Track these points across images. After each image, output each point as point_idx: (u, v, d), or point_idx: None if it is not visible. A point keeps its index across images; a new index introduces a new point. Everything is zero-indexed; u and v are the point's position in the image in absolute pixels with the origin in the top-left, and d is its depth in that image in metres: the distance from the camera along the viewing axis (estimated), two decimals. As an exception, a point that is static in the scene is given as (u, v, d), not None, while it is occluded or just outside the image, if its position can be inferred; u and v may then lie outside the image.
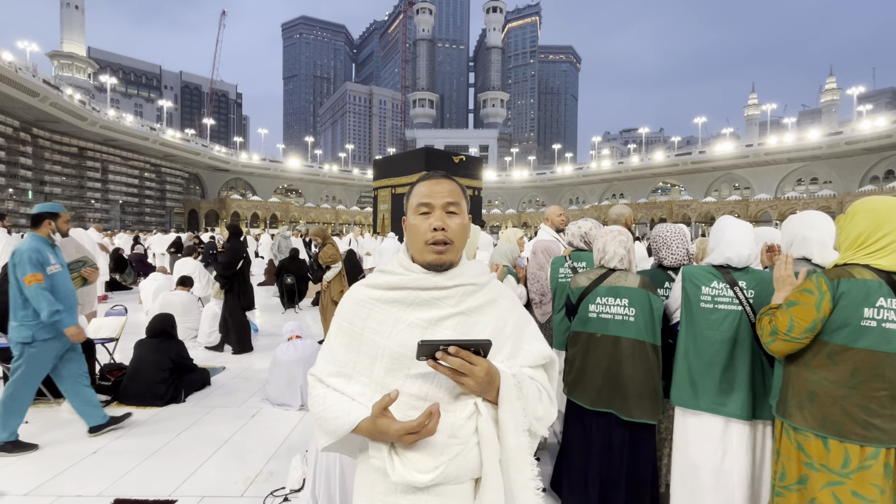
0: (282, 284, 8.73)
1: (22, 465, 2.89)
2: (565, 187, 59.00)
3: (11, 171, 32.93)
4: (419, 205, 1.02)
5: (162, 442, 3.23)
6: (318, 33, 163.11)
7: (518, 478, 0.92)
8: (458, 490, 0.94)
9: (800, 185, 43.00)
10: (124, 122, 39.08)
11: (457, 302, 0.99)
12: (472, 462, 0.93)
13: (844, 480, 1.44)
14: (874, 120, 34.99)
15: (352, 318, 1.02)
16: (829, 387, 1.49)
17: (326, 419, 0.96)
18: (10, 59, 27.10)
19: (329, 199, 60.15)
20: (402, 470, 0.90)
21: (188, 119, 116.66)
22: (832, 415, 1.47)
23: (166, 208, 48.19)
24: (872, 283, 1.44)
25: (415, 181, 1.09)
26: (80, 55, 63.41)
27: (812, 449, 1.51)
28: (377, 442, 0.93)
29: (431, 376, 0.94)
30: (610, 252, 2.28)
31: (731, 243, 1.99)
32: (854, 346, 1.45)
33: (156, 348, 4.07)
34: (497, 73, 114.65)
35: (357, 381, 1.00)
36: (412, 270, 1.01)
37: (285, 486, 2.62)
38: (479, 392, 0.91)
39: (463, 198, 1.05)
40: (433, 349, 0.86)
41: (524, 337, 1.05)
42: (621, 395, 2.11)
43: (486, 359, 0.90)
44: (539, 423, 0.99)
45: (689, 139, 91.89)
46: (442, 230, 0.98)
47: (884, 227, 1.47)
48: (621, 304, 2.15)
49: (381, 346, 0.97)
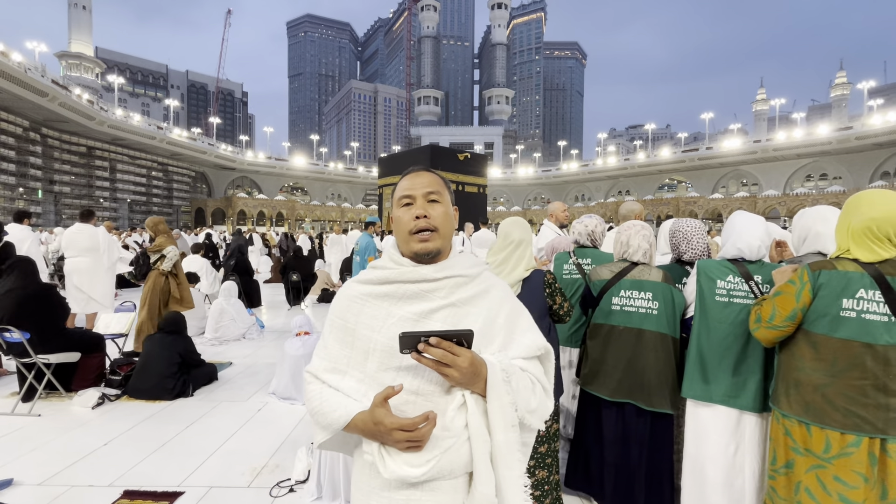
0: (287, 281, 8.83)
1: (35, 455, 2.96)
2: (571, 184, 58.73)
3: (21, 171, 33.35)
4: (401, 197, 1.04)
5: (170, 434, 3.29)
6: (323, 31, 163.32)
7: (506, 474, 0.91)
8: (452, 485, 0.93)
9: (809, 181, 42.48)
10: (132, 122, 39.43)
11: (447, 294, 1.00)
12: (465, 456, 0.92)
13: (826, 465, 1.48)
14: (885, 114, 34.49)
15: (345, 314, 1.03)
16: (811, 375, 1.53)
17: (322, 413, 0.97)
18: (20, 60, 27.40)
19: (334, 196, 60.36)
20: (393, 465, 0.89)
21: (194, 118, 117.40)
22: (814, 402, 1.51)
23: (173, 207, 48.61)
24: (853, 275, 1.47)
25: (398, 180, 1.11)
26: (88, 55, 63.93)
27: (797, 434, 1.55)
28: (370, 437, 0.92)
29: (421, 370, 0.93)
30: (634, 246, 2.30)
31: (742, 234, 2.01)
32: (833, 336, 1.48)
33: (164, 344, 4.14)
34: (502, 69, 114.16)
35: (351, 376, 1.00)
36: (401, 264, 1.02)
37: (291, 477, 2.67)
38: (465, 383, 0.90)
39: (445, 188, 1.06)
40: (415, 341, 0.86)
41: (517, 328, 1.05)
42: (642, 385, 2.13)
43: (469, 349, 0.89)
44: (532, 416, 0.97)
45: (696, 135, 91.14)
46: (424, 217, 1.00)
47: (843, 221, 1.54)
48: (645, 298, 2.18)
49: (374, 340, 0.97)
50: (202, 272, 7.44)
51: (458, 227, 3.87)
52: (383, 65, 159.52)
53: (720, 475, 1.93)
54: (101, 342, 4.28)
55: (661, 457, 2.15)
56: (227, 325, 6.00)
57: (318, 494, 2.46)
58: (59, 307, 3.96)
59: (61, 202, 37.44)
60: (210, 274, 7.92)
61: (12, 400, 3.80)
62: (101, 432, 3.30)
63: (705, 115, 49.32)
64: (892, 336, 1.42)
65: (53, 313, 3.88)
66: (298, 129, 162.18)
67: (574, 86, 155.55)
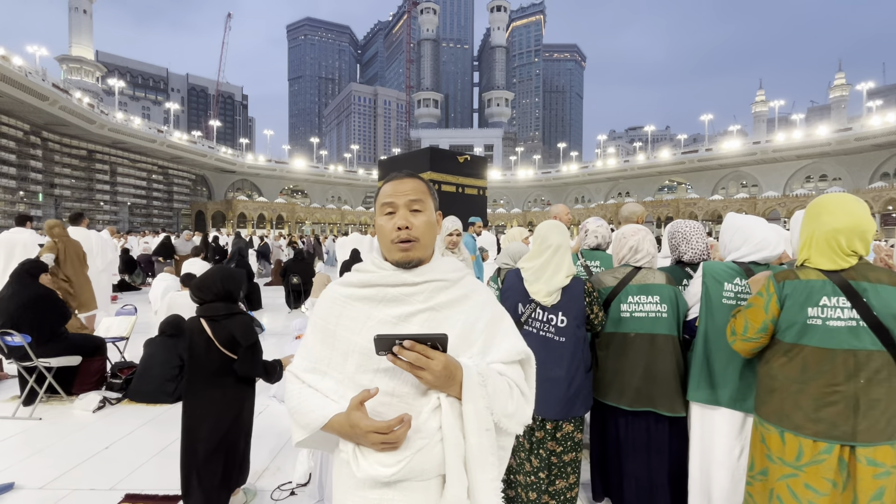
0: (287, 284, 8.83)
1: (36, 459, 2.96)
2: (571, 186, 58.77)
3: (22, 174, 33.41)
4: (383, 205, 1.05)
5: (172, 438, 3.28)
6: (323, 34, 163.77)
7: (480, 477, 0.92)
8: (424, 486, 0.94)
9: (808, 182, 42.51)
10: (132, 125, 39.50)
11: (426, 298, 1.01)
12: (437, 457, 0.92)
13: (798, 473, 1.48)
14: (884, 115, 34.54)
15: (326, 316, 1.04)
16: (784, 382, 1.54)
17: (301, 413, 0.98)
18: (20, 64, 27.47)
19: (334, 199, 60.37)
20: (366, 464, 0.91)
21: (195, 121, 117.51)
22: (786, 408, 1.52)
23: (174, 210, 48.67)
24: (815, 283, 1.48)
25: (380, 184, 1.11)
26: (89, 59, 64.04)
27: (771, 442, 1.56)
28: (346, 438, 0.94)
29: (398, 372, 0.95)
30: (643, 251, 2.27)
31: (768, 238, 1.99)
32: (801, 343, 1.50)
33: (165, 346, 4.14)
34: (502, 72, 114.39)
35: (330, 377, 1.01)
36: (382, 268, 1.03)
37: (292, 480, 2.67)
38: (439, 386, 0.91)
39: (428, 195, 1.07)
40: (390, 343, 0.88)
41: (498, 333, 1.05)
42: (662, 391, 2.09)
43: (443, 353, 0.90)
44: (510, 420, 0.98)
45: (695, 137, 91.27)
46: (406, 229, 1.01)
47: (805, 229, 1.56)
48: (653, 301, 2.16)
49: (353, 342, 0.99)
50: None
51: (464, 227, 3.87)
52: (383, 68, 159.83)
53: (726, 478, 1.92)
54: (101, 346, 4.29)
55: (679, 462, 2.13)
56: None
57: (320, 497, 2.46)
58: (60, 311, 3.97)
59: (62, 206, 37.47)
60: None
61: (13, 404, 3.80)
62: (102, 436, 3.30)
63: (705, 117, 49.37)
64: (859, 340, 1.42)
65: (54, 317, 3.88)
66: (298, 132, 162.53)
67: (573, 88, 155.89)
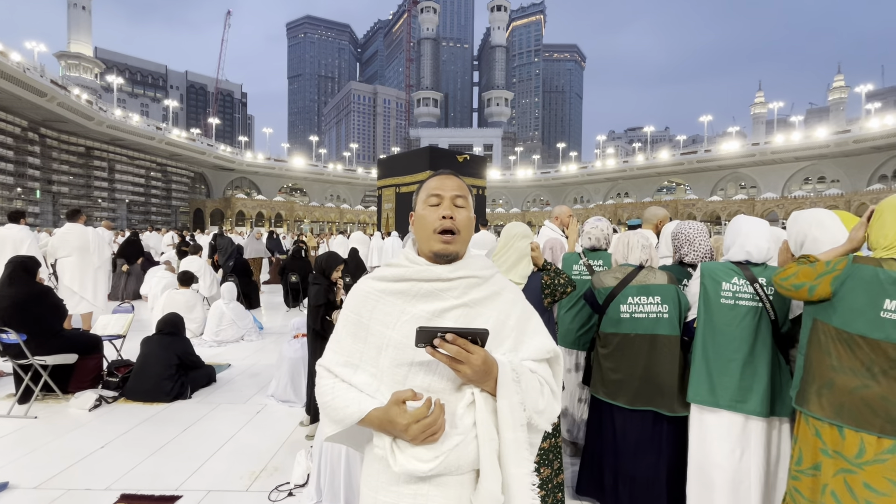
0: (286, 283, 8.80)
1: (31, 458, 2.93)
2: (570, 186, 58.80)
3: (20, 171, 33.24)
4: (429, 196, 1.06)
5: (168, 437, 3.26)
6: (323, 33, 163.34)
7: (515, 472, 0.93)
8: (458, 481, 0.95)
9: (807, 183, 42.60)
10: (131, 122, 39.34)
11: (460, 294, 1.02)
12: (473, 453, 0.94)
13: (857, 470, 1.42)
14: (883, 118, 34.61)
15: (359, 310, 1.04)
16: (847, 376, 1.47)
17: (335, 408, 0.98)
18: (19, 60, 27.34)
19: (333, 198, 60.29)
20: (403, 459, 0.92)
21: (194, 118, 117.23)
22: (849, 404, 1.45)
23: (172, 207, 48.52)
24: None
25: (424, 179, 1.14)
26: (87, 55, 63.88)
27: (827, 436, 1.50)
28: (384, 432, 0.94)
29: (434, 367, 0.96)
30: (636, 252, 2.30)
31: (749, 236, 1.99)
32: (871, 337, 1.42)
33: (162, 345, 4.12)
34: (501, 71, 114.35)
35: (364, 370, 1.02)
36: (417, 263, 1.04)
37: (290, 480, 2.65)
38: (476, 381, 0.93)
39: (469, 195, 1.11)
40: (431, 336, 0.88)
41: (527, 331, 1.07)
42: (662, 391, 2.11)
43: (483, 348, 0.91)
44: (540, 417, 0.99)
45: (694, 138, 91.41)
46: (451, 218, 1.03)
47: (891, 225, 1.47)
48: (654, 302, 2.16)
49: (387, 336, 1.00)
50: (201, 273, 7.41)
51: None
52: (383, 66, 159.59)
53: (726, 480, 1.91)
54: (98, 344, 4.26)
55: (678, 462, 2.13)
56: (227, 326, 5.98)
57: (318, 498, 2.44)
58: (56, 308, 3.94)
59: (59, 202, 37.32)
60: (208, 275, 7.89)
61: (8, 402, 3.77)
62: (99, 435, 3.27)
63: (704, 118, 49.42)
64: None
65: (50, 314, 3.85)
66: (298, 131, 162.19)
67: (573, 88, 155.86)
